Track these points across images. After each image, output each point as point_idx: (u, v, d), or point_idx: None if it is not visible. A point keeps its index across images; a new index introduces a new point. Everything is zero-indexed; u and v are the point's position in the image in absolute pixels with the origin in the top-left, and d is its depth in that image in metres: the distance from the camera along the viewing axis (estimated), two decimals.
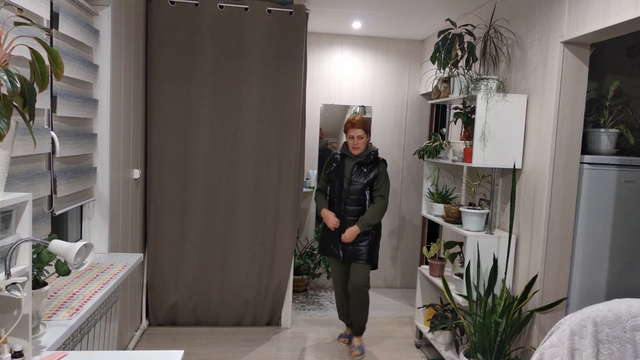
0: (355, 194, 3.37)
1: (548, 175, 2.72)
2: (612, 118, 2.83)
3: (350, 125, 3.35)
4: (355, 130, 3.34)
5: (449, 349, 3.29)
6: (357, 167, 3.38)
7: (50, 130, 2.13)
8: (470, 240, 2.94)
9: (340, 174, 3.42)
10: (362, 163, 3.38)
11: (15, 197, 1.35)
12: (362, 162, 3.38)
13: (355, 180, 3.37)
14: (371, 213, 3.36)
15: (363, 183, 3.36)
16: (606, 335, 1.76)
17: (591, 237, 2.74)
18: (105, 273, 2.34)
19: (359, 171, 3.38)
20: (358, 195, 3.37)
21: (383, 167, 3.41)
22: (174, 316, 3.86)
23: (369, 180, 3.36)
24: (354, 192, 3.37)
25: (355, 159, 3.41)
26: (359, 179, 3.36)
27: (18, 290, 1.30)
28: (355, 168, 3.38)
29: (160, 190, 3.71)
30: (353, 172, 3.39)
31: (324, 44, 4.90)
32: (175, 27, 3.60)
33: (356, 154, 3.38)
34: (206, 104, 3.70)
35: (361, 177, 3.36)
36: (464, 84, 3.07)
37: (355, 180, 3.37)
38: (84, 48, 2.55)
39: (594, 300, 2.74)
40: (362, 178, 3.36)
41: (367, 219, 3.34)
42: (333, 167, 3.48)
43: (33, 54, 1.34)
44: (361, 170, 3.37)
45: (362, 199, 3.38)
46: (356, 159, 3.41)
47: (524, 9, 3.01)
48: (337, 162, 3.48)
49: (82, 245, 1.44)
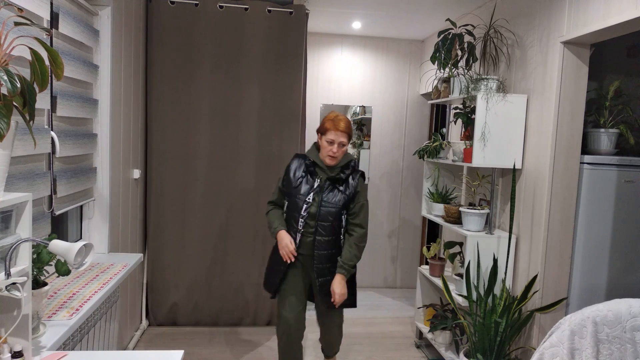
0: (328, 220, 2.50)
1: (548, 175, 2.72)
2: (612, 118, 2.83)
3: (333, 126, 2.50)
4: (338, 134, 2.48)
5: (449, 349, 3.29)
6: (331, 184, 2.55)
7: (50, 130, 2.13)
8: (470, 240, 2.94)
9: (307, 189, 2.54)
10: (336, 178, 2.55)
11: (15, 197, 1.35)
12: (336, 177, 2.55)
13: (328, 201, 2.51)
14: (351, 252, 2.53)
15: (339, 205, 2.52)
16: (606, 335, 1.76)
17: (591, 237, 2.74)
18: (105, 273, 2.34)
19: (333, 188, 2.54)
20: (333, 222, 2.52)
21: (363, 185, 2.61)
22: (174, 316, 3.86)
23: (346, 201, 2.54)
24: (327, 217, 2.50)
25: (328, 172, 2.56)
26: (334, 199, 2.52)
27: (18, 290, 1.30)
28: (327, 184, 2.54)
29: (160, 190, 3.71)
30: (325, 189, 2.53)
31: (324, 44, 4.90)
32: (175, 27, 3.60)
33: (332, 164, 2.53)
34: (206, 104, 3.70)
35: (336, 196, 2.53)
36: (464, 84, 3.07)
37: (328, 200, 2.51)
38: (84, 48, 2.55)
39: (594, 300, 2.74)
40: (338, 198, 2.53)
41: (348, 260, 2.52)
42: (301, 177, 2.57)
43: (33, 54, 1.34)
44: (335, 187, 2.55)
45: (337, 226, 2.53)
46: (329, 172, 2.56)
47: (524, 9, 3.01)
48: (308, 171, 2.58)
49: (82, 245, 1.44)
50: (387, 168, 5.10)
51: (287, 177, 2.60)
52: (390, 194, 5.12)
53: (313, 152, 2.61)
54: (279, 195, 2.68)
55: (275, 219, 2.62)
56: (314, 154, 2.59)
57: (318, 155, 2.57)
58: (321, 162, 2.55)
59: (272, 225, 2.61)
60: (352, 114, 5.48)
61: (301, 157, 2.64)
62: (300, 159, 2.64)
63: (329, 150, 2.50)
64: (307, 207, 2.49)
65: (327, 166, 2.55)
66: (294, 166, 2.61)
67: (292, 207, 2.55)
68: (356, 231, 2.56)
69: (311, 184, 2.53)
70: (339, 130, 2.49)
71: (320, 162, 2.56)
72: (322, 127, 2.55)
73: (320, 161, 2.56)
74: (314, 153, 2.59)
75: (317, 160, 2.56)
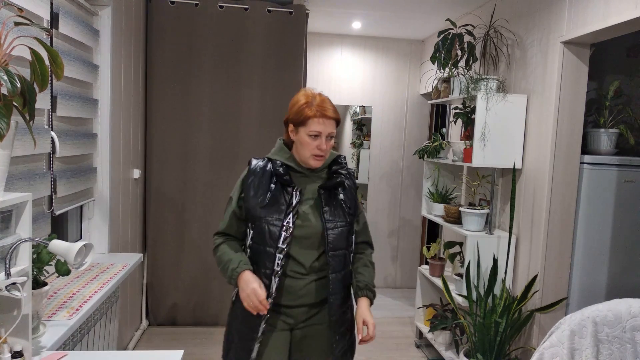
0: (341, 247, 1.72)
1: (548, 175, 2.72)
2: (612, 118, 2.83)
3: (318, 112, 1.65)
4: (326, 124, 1.66)
5: (449, 349, 3.29)
6: (328, 193, 1.73)
7: (50, 130, 2.13)
8: (470, 240, 2.94)
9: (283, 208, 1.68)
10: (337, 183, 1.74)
11: (15, 197, 1.35)
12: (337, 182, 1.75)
13: (335, 219, 1.71)
14: (370, 272, 1.82)
15: (347, 222, 1.74)
16: (606, 335, 1.76)
17: (591, 237, 2.74)
18: (105, 273, 2.34)
19: (331, 198, 1.73)
20: (346, 247, 1.75)
21: (355, 186, 1.86)
22: (174, 316, 3.86)
23: (354, 210, 1.78)
24: (340, 243, 1.71)
25: (314, 177, 1.75)
26: (339, 213, 1.72)
27: (18, 290, 1.30)
28: (324, 194, 1.72)
29: (160, 190, 3.71)
30: (322, 202, 1.71)
31: (324, 44, 4.90)
32: (175, 27, 3.60)
33: (318, 166, 1.72)
34: (206, 104, 3.70)
35: (339, 207, 1.73)
36: (464, 84, 3.07)
37: (335, 218, 1.71)
38: (84, 48, 2.55)
39: (594, 300, 2.74)
40: (342, 211, 1.73)
41: (370, 280, 1.79)
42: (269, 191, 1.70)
43: (33, 54, 1.34)
44: (333, 196, 1.74)
45: (349, 252, 1.78)
46: (316, 177, 1.76)
47: (524, 9, 3.01)
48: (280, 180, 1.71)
49: (82, 245, 1.44)
50: (387, 168, 5.10)
51: (246, 194, 1.71)
52: (390, 194, 5.12)
53: (281, 152, 1.76)
54: (234, 222, 1.76)
55: (232, 254, 1.70)
56: (285, 156, 1.74)
57: (291, 156, 1.74)
58: (298, 165, 1.73)
59: (228, 265, 1.66)
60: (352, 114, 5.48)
61: (263, 163, 1.75)
62: (262, 165, 1.74)
63: (314, 148, 1.66)
64: (286, 236, 1.64)
65: (309, 169, 1.73)
66: (254, 177, 1.72)
67: (260, 238, 1.67)
68: (367, 250, 1.88)
69: (287, 199, 1.67)
70: (326, 116, 1.65)
71: (297, 165, 1.73)
72: (299, 115, 1.66)
73: (296, 164, 1.73)
74: (284, 154, 1.75)
75: (291, 163, 1.72)
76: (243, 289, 1.62)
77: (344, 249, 1.74)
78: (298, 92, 1.75)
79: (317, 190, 1.73)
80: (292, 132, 1.72)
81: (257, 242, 1.70)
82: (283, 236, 1.66)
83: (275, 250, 1.66)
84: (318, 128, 1.66)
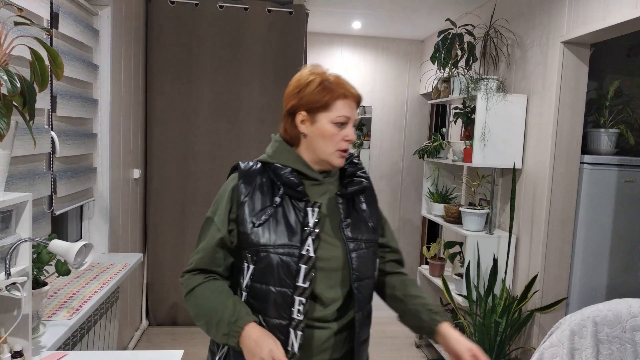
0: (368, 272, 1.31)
1: (548, 175, 2.72)
2: (612, 118, 2.83)
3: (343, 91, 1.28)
4: (352, 106, 1.29)
5: None
6: (346, 203, 1.31)
7: (50, 130, 2.13)
8: (470, 240, 2.94)
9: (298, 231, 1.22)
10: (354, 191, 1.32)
11: (15, 197, 1.35)
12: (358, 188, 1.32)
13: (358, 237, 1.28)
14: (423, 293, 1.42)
15: (372, 240, 1.33)
16: (606, 335, 1.76)
17: (591, 237, 2.74)
18: (105, 273, 2.34)
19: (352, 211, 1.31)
20: (373, 272, 1.34)
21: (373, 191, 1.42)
22: (174, 316, 3.86)
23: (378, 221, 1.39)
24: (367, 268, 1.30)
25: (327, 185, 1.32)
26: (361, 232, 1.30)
27: (18, 290, 1.30)
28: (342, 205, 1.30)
29: (160, 190, 3.71)
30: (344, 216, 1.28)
31: (324, 44, 4.90)
32: (175, 27, 3.60)
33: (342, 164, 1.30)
34: (206, 104, 3.70)
35: (361, 223, 1.31)
36: (464, 84, 3.07)
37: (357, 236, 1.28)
38: (84, 48, 2.55)
39: (594, 300, 2.74)
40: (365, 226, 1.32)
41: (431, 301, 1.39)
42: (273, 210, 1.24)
43: (33, 54, 1.34)
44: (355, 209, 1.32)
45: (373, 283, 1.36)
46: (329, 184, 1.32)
47: (524, 9, 3.01)
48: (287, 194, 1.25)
49: (82, 245, 1.44)
50: (387, 168, 5.09)
51: (241, 213, 1.23)
52: (390, 194, 5.12)
53: (285, 153, 1.30)
54: (219, 253, 1.26)
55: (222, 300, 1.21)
56: (291, 157, 1.28)
57: (298, 158, 1.28)
58: (310, 168, 1.28)
59: (221, 316, 1.18)
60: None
61: (258, 169, 1.29)
62: (258, 171, 1.29)
63: (340, 140, 1.25)
64: (308, 269, 1.19)
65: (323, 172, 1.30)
66: (249, 189, 1.25)
67: (266, 276, 1.21)
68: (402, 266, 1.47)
69: (301, 217, 1.23)
70: (353, 96, 1.29)
71: (308, 169, 1.28)
72: (319, 96, 1.26)
73: (307, 167, 1.28)
74: (289, 155, 1.29)
75: (301, 167, 1.27)
76: (253, 352, 1.11)
77: (370, 277, 1.31)
78: (299, 72, 1.36)
79: (333, 200, 1.29)
80: (305, 122, 1.27)
81: (261, 281, 1.22)
82: (303, 270, 1.19)
83: (293, 291, 1.18)
84: (346, 112, 1.26)
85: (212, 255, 1.26)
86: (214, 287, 1.24)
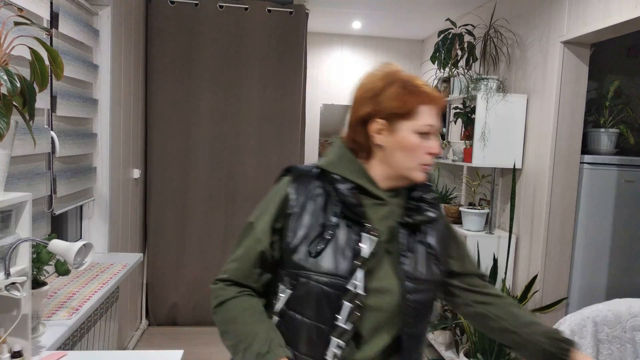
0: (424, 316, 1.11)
1: (548, 175, 2.71)
2: (612, 118, 2.83)
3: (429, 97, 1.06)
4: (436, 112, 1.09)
5: (449, 349, 3.29)
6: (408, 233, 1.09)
7: (50, 130, 2.13)
8: (470, 240, 2.94)
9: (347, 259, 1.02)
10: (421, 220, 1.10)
11: (15, 197, 1.34)
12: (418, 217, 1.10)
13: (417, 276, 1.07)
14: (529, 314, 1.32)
15: (437, 274, 1.13)
16: (606, 335, 1.76)
17: (591, 237, 2.74)
18: (105, 273, 2.34)
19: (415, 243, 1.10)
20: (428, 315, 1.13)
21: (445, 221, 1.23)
22: (174, 316, 3.85)
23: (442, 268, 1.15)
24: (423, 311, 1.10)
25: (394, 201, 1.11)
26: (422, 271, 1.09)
27: (17, 290, 1.30)
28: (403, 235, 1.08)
29: (160, 190, 3.70)
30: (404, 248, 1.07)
31: (324, 44, 4.90)
32: (175, 27, 3.60)
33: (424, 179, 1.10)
34: (206, 104, 3.70)
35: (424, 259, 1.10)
36: (464, 84, 3.07)
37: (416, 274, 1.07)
38: (84, 48, 2.55)
39: (594, 300, 2.74)
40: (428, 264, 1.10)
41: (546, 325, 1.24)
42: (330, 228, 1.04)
43: (33, 54, 1.34)
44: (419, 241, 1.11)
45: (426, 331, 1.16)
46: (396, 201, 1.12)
47: (524, 9, 3.01)
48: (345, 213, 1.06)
49: (82, 245, 1.44)
50: None
51: (291, 228, 1.07)
52: None
53: (348, 164, 1.11)
54: (258, 267, 1.11)
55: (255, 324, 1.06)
56: (354, 169, 1.10)
57: (364, 172, 1.10)
58: (374, 185, 1.10)
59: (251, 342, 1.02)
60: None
61: (315, 179, 1.11)
62: (313, 182, 1.10)
63: (423, 154, 1.07)
64: (353, 308, 1.01)
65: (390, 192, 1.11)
66: (305, 201, 1.08)
67: (304, 305, 1.05)
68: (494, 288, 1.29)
69: (352, 243, 1.04)
70: (439, 102, 1.09)
71: (373, 186, 1.10)
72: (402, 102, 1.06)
73: (373, 185, 1.10)
74: (352, 167, 1.10)
75: (365, 183, 1.09)
76: None
77: (425, 323, 1.12)
78: (371, 73, 1.14)
79: (395, 229, 1.08)
80: (382, 132, 1.07)
81: (296, 310, 1.06)
82: (348, 308, 1.01)
83: (330, 330, 1.01)
84: (431, 120, 1.07)
85: (250, 270, 1.11)
86: (247, 306, 1.09)
